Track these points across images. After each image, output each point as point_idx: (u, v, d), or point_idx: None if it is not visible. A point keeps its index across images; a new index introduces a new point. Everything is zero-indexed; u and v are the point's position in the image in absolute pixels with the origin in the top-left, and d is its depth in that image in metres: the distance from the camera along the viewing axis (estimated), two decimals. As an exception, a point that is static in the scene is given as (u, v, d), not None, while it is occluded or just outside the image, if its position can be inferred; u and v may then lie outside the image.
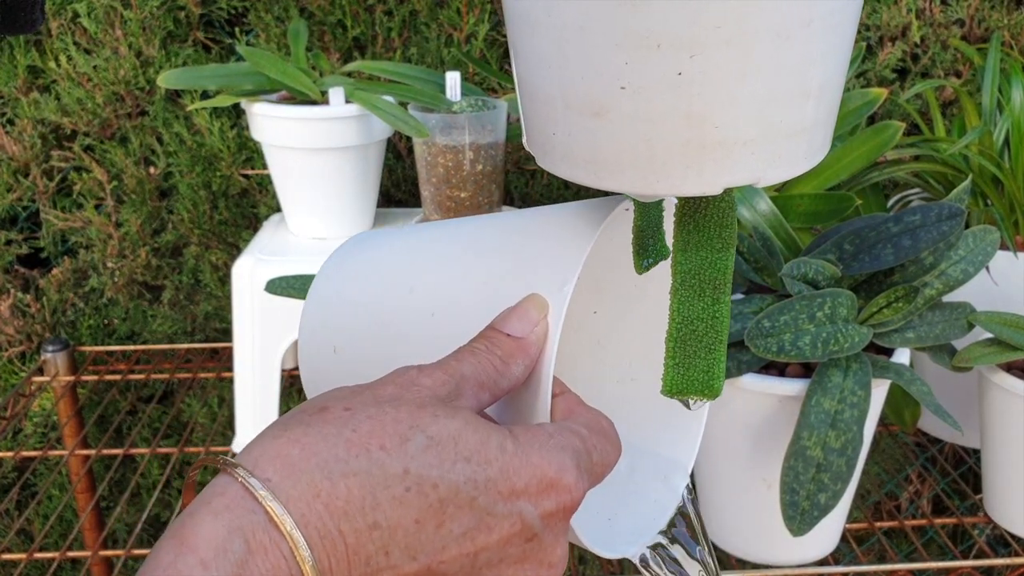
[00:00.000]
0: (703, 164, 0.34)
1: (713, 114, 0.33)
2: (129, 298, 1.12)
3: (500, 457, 0.33)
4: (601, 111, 0.34)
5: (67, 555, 0.85)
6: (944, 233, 0.64)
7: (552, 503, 0.33)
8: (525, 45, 0.36)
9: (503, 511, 0.32)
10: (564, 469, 0.34)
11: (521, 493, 0.33)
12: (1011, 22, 1.04)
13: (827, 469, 0.61)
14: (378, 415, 0.32)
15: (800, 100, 0.34)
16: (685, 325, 0.39)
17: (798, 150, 0.35)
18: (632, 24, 0.31)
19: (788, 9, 0.32)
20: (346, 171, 0.91)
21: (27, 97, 1.05)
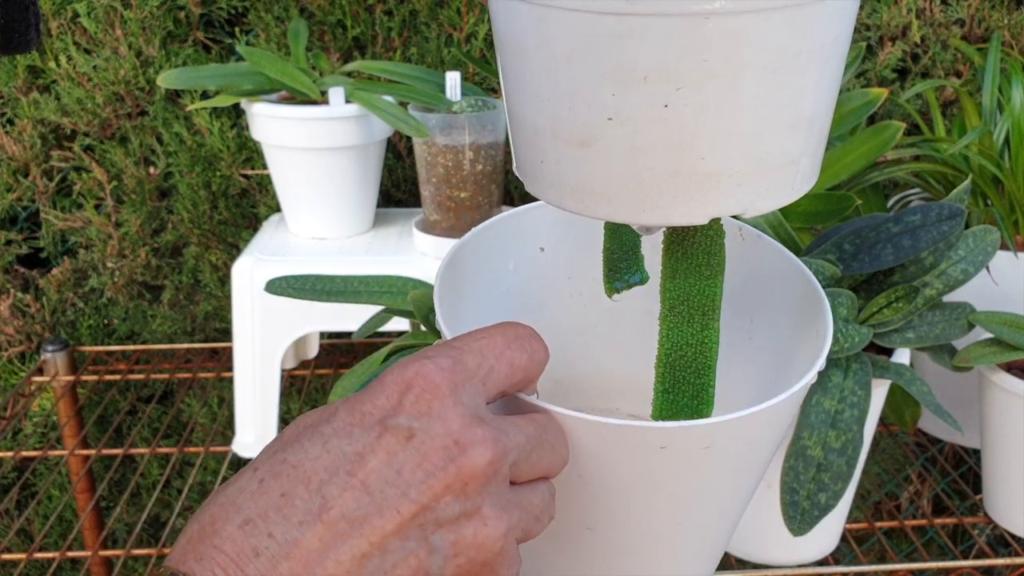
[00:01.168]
0: (690, 195, 0.34)
1: (700, 146, 0.33)
2: (129, 298, 1.12)
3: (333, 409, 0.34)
4: (589, 141, 0.34)
5: (67, 555, 0.84)
6: (944, 233, 0.64)
7: (412, 396, 0.32)
8: (514, 73, 0.36)
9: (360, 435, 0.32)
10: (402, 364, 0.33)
11: (369, 411, 0.33)
12: (1011, 22, 1.04)
13: (827, 469, 0.61)
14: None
15: (789, 132, 0.34)
16: (674, 351, 0.39)
17: (786, 180, 0.35)
18: (619, 57, 0.31)
19: (776, 43, 0.31)
20: (346, 171, 0.91)
21: (27, 97, 1.05)
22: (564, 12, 0.31)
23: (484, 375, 0.34)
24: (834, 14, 0.32)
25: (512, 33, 0.34)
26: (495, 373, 0.35)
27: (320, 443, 0.32)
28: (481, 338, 0.35)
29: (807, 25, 0.31)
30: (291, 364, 1.08)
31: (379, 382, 0.33)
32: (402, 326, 0.74)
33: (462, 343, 0.35)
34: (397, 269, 0.73)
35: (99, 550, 0.91)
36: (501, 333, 0.35)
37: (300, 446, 0.32)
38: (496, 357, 0.35)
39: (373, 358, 0.68)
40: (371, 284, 0.69)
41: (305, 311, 0.87)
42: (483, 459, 0.32)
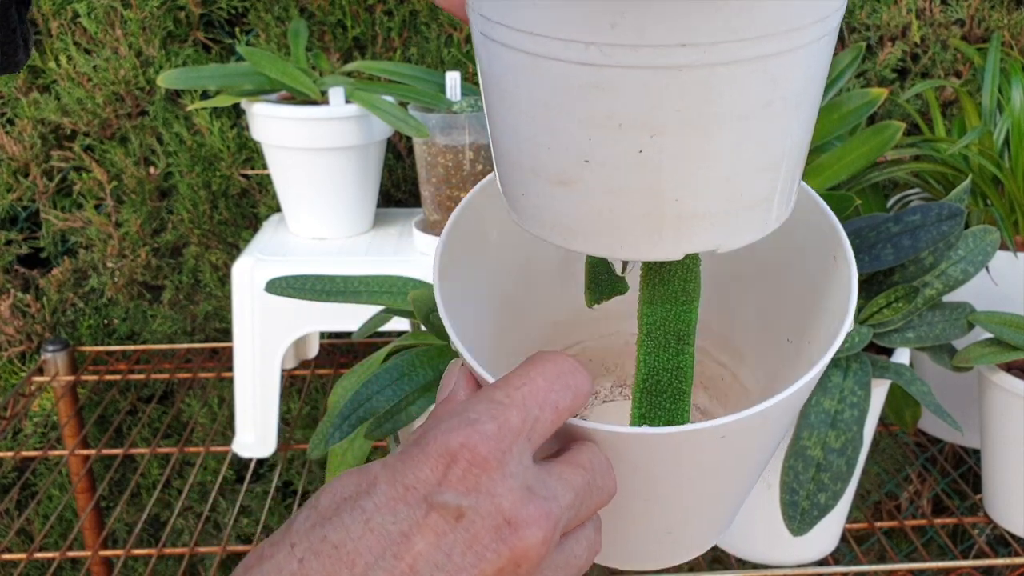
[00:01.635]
0: (663, 234, 0.35)
1: (673, 189, 0.34)
2: (129, 298, 1.12)
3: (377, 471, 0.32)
4: (566, 181, 0.35)
5: (67, 555, 0.85)
6: (944, 233, 0.64)
7: (458, 469, 0.31)
8: (495, 110, 0.36)
9: (404, 512, 0.30)
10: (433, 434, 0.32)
11: (412, 484, 0.31)
12: (1011, 22, 1.04)
13: (827, 469, 0.61)
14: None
15: (761, 173, 0.35)
16: (651, 376, 0.40)
17: (760, 217, 0.36)
18: (594, 106, 0.32)
19: (747, 93, 0.32)
20: (346, 171, 0.91)
21: (27, 97, 1.05)
22: (543, 60, 0.32)
23: (529, 430, 0.33)
24: (805, 62, 0.33)
25: (493, 73, 0.35)
26: (540, 424, 0.33)
27: (362, 520, 0.30)
28: (522, 385, 0.33)
29: (778, 75, 0.32)
30: (291, 364, 1.08)
31: (421, 450, 0.31)
32: (402, 326, 0.75)
33: (503, 394, 0.33)
34: (397, 269, 0.73)
35: (99, 550, 0.91)
36: (541, 374, 0.34)
37: (341, 523, 0.30)
38: (540, 406, 0.33)
39: (373, 358, 0.68)
40: (371, 284, 0.69)
41: (305, 311, 0.87)
42: (536, 539, 0.31)
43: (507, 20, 0.32)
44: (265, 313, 0.89)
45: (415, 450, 0.31)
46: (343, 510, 0.31)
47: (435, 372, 0.63)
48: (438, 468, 0.31)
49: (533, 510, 0.31)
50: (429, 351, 0.64)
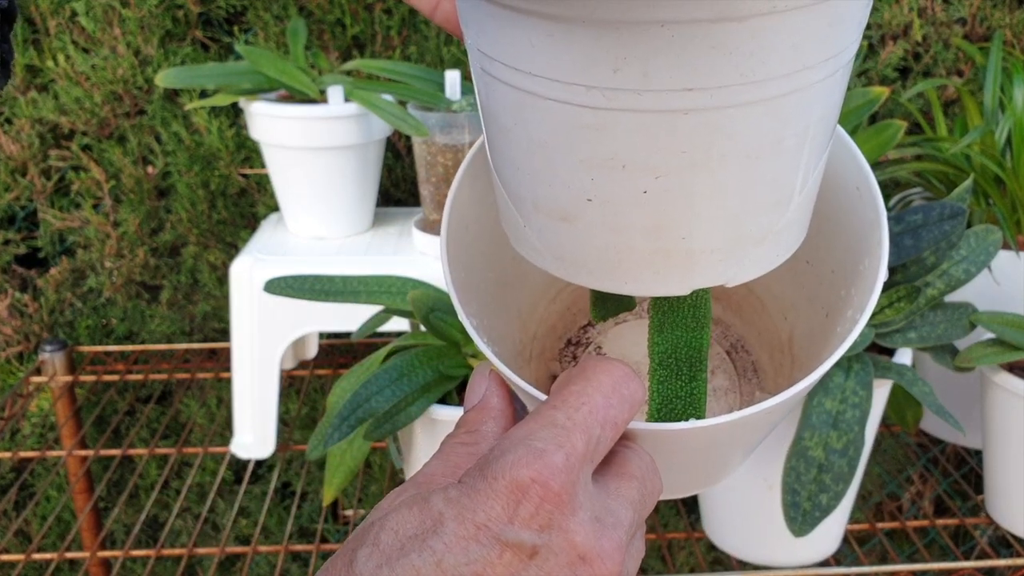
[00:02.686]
0: (670, 271, 0.34)
1: (680, 228, 0.33)
2: (127, 298, 1.11)
3: (447, 504, 0.31)
4: (568, 217, 0.34)
5: (65, 556, 0.84)
6: (946, 232, 0.64)
7: (530, 505, 0.30)
8: (494, 143, 0.35)
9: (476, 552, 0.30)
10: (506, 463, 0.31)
11: (483, 522, 0.30)
12: (1013, 21, 1.04)
13: (829, 470, 0.61)
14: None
15: (770, 210, 0.34)
16: (664, 405, 0.39)
17: (770, 250, 0.35)
18: (596, 146, 0.31)
19: (757, 133, 0.31)
20: (345, 170, 0.91)
21: (25, 96, 1.04)
22: (543, 100, 0.31)
23: (593, 453, 0.32)
24: (818, 99, 0.32)
25: (492, 108, 0.34)
26: (602, 444, 0.33)
27: (433, 562, 0.29)
28: (581, 404, 0.32)
29: (788, 114, 0.31)
30: (290, 364, 1.07)
31: (489, 485, 0.30)
32: (402, 326, 0.74)
33: (564, 416, 0.32)
34: (396, 269, 0.72)
35: (97, 551, 0.91)
36: (599, 390, 0.33)
37: (410, 564, 0.29)
38: (601, 424, 0.32)
39: (372, 358, 0.68)
40: (370, 284, 0.69)
41: (304, 311, 0.87)
42: (609, 571, 0.31)
43: (506, 58, 0.31)
44: (264, 313, 0.89)
45: (482, 484, 0.30)
46: (410, 550, 0.30)
47: (435, 372, 0.62)
48: (509, 504, 0.30)
49: (606, 544, 0.31)
50: (429, 351, 0.63)
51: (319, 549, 0.83)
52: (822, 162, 0.35)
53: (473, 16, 0.32)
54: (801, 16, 0.29)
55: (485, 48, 0.32)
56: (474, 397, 0.37)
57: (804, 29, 0.29)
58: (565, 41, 0.29)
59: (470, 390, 0.37)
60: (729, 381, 0.50)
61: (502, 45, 0.31)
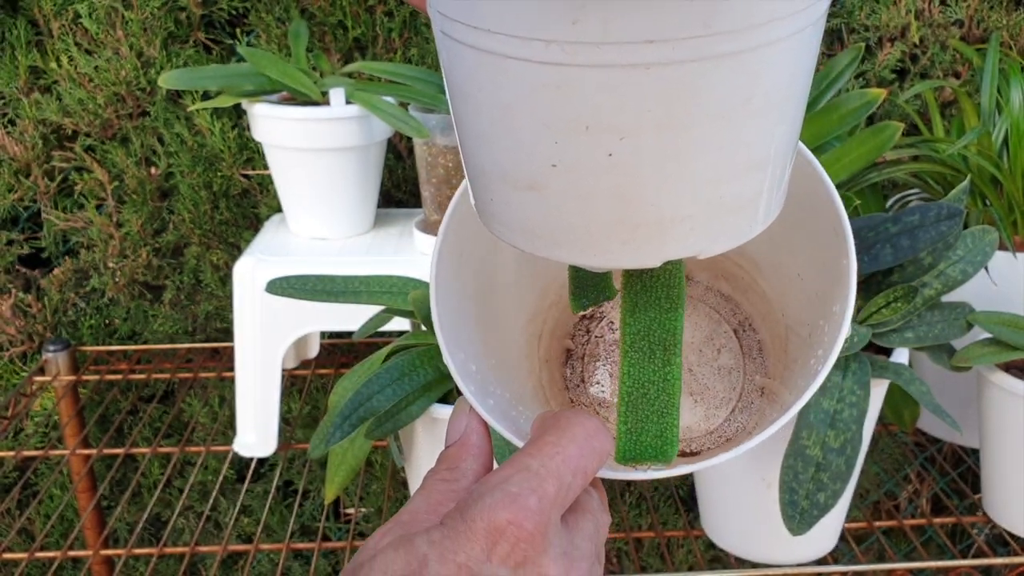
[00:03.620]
0: (639, 240, 0.33)
1: (648, 194, 0.32)
2: (130, 298, 1.12)
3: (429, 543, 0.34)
4: (535, 186, 0.33)
5: (68, 554, 0.85)
6: (943, 233, 0.64)
7: (506, 544, 0.33)
8: (459, 113, 0.34)
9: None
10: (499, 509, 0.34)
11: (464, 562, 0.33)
12: (1010, 23, 1.04)
13: (826, 468, 0.62)
14: None
15: (742, 175, 0.32)
16: (636, 389, 0.39)
17: (744, 220, 0.34)
18: (558, 107, 0.30)
19: (723, 91, 0.30)
20: (347, 172, 0.91)
21: (28, 98, 1.05)
22: (503, 59, 0.30)
23: (563, 498, 0.35)
24: (788, 55, 0.30)
25: (454, 74, 0.33)
26: (572, 490, 0.35)
27: None
28: (555, 454, 0.35)
29: (758, 70, 0.30)
30: (292, 364, 1.08)
31: (468, 527, 0.33)
32: (402, 326, 0.75)
33: (539, 463, 0.35)
34: (397, 269, 0.73)
35: (100, 549, 0.92)
36: (572, 441, 0.36)
37: None
38: (573, 473, 0.35)
39: (373, 358, 0.68)
40: (372, 284, 0.69)
41: (306, 311, 0.87)
42: None
43: (465, 17, 0.30)
44: (266, 313, 0.89)
45: (462, 526, 0.33)
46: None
47: (435, 372, 0.63)
48: (487, 545, 0.33)
49: (574, 575, 0.34)
50: (429, 351, 0.64)
51: (321, 547, 0.84)
52: (796, 130, 0.34)
53: None
54: None
55: (445, 8, 0.31)
56: (455, 433, 0.39)
57: None
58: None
59: (451, 425, 0.40)
60: (734, 360, 0.50)
61: (461, 2, 0.30)
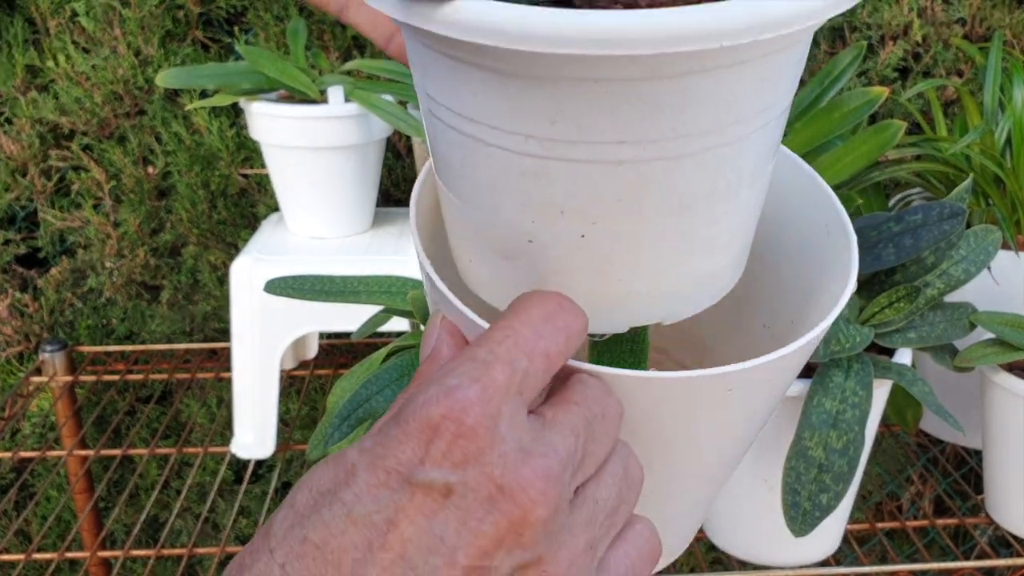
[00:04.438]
0: (608, 310, 0.34)
1: (617, 271, 0.33)
2: (127, 298, 1.11)
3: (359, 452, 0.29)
4: (511, 257, 0.34)
5: (65, 556, 0.84)
6: (945, 232, 0.64)
7: (442, 443, 0.28)
8: (443, 178, 0.35)
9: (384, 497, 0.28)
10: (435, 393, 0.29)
11: (394, 467, 0.28)
12: (1013, 21, 1.04)
13: (829, 469, 0.61)
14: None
15: (708, 254, 0.34)
16: None
17: (708, 290, 0.36)
18: (535, 192, 0.32)
19: (690, 184, 0.31)
20: (345, 170, 0.91)
21: (25, 96, 1.04)
22: (485, 145, 0.31)
23: (519, 384, 0.29)
24: (751, 149, 0.32)
25: (440, 149, 0.34)
26: (531, 376, 0.30)
27: (343, 514, 0.28)
28: (506, 337, 0.30)
29: (720, 164, 0.31)
30: (290, 364, 1.07)
31: (400, 427, 0.28)
32: (402, 326, 0.74)
33: (486, 351, 0.30)
34: (397, 269, 0.72)
35: (98, 551, 0.91)
36: (527, 323, 0.30)
37: (320, 519, 0.28)
38: (528, 357, 0.30)
39: (372, 358, 0.68)
40: (370, 284, 0.69)
41: (304, 311, 0.87)
42: (535, 503, 0.28)
43: (451, 103, 0.32)
44: (264, 313, 0.89)
45: (394, 429, 0.29)
46: (322, 505, 0.28)
47: (434, 372, 0.62)
48: (419, 445, 0.28)
49: (528, 472, 0.28)
50: (428, 351, 0.63)
51: (319, 549, 0.83)
52: (759, 204, 0.36)
53: (420, 60, 0.32)
54: (733, 74, 0.29)
55: (431, 92, 0.33)
56: (427, 348, 0.34)
57: (736, 86, 0.30)
58: (505, 93, 0.30)
59: (424, 342, 0.35)
60: None
61: (447, 91, 0.32)
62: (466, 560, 0.27)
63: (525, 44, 0.27)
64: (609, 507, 0.31)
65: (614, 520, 0.31)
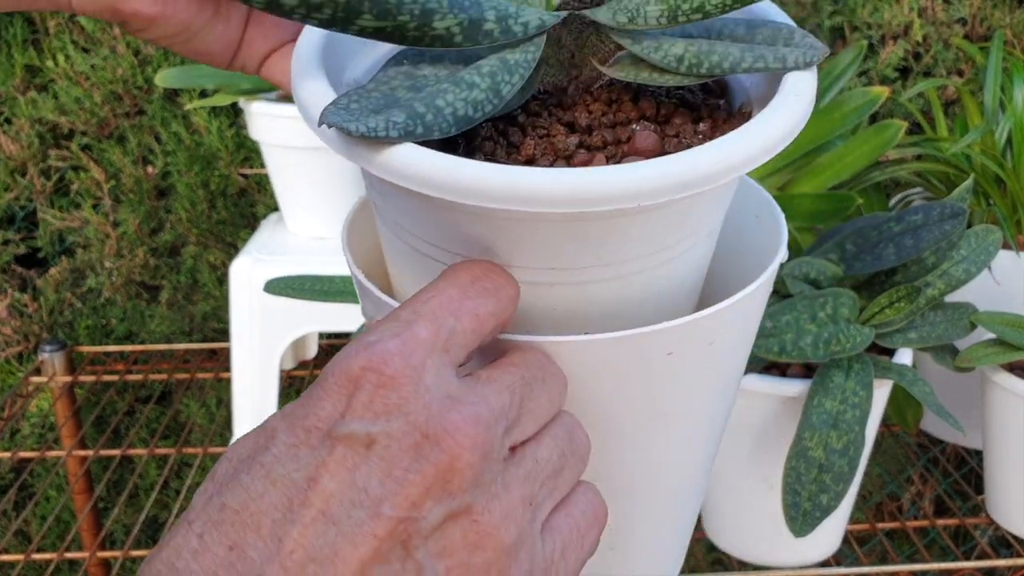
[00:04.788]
0: None
1: None
2: (127, 298, 1.11)
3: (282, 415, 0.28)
4: None
5: (65, 556, 0.84)
6: (946, 232, 0.63)
7: (364, 395, 0.27)
8: (394, 271, 0.37)
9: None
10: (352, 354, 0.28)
11: (314, 424, 0.27)
12: (1013, 21, 1.04)
13: (829, 470, 0.61)
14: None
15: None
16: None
17: None
18: None
19: (618, 300, 0.33)
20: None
21: (25, 96, 1.04)
22: (424, 257, 0.33)
23: (445, 341, 0.28)
24: (678, 268, 0.34)
25: (387, 248, 0.36)
26: (458, 334, 0.29)
27: (263, 475, 0.27)
28: (431, 297, 0.29)
29: (647, 284, 0.33)
30: (290, 364, 1.07)
31: (319, 385, 0.28)
32: (401, 326, 0.74)
33: (409, 310, 0.29)
34: (396, 269, 0.72)
35: (97, 551, 0.91)
36: (453, 284, 0.30)
37: (239, 484, 0.27)
38: (455, 314, 0.29)
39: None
40: (370, 284, 0.68)
41: (304, 311, 0.87)
42: (462, 447, 0.27)
43: (394, 215, 0.33)
44: (263, 313, 0.88)
45: (315, 391, 0.28)
46: (241, 471, 0.27)
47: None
48: (340, 400, 0.27)
49: (455, 417, 0.27)
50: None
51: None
52: (696, 294, 0.37)
53: (363, 171, 0.33)
54: (654, 213, 0.30)
55: (376, 199, 0.34)
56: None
57: (659, 222, 0.31)
58: (443, 220, 0.31)
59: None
60: None
61: (389, 205, 0.33)
62: (392, 511, 0.26)
63: (452, 195, 0.28)
64: (551, 468, 0.30)
65: (557, 483, 0.30)
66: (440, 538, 0.27)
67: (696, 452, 0.39)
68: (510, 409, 0.29)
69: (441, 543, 0.27)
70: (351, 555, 0.26)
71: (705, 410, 0.37)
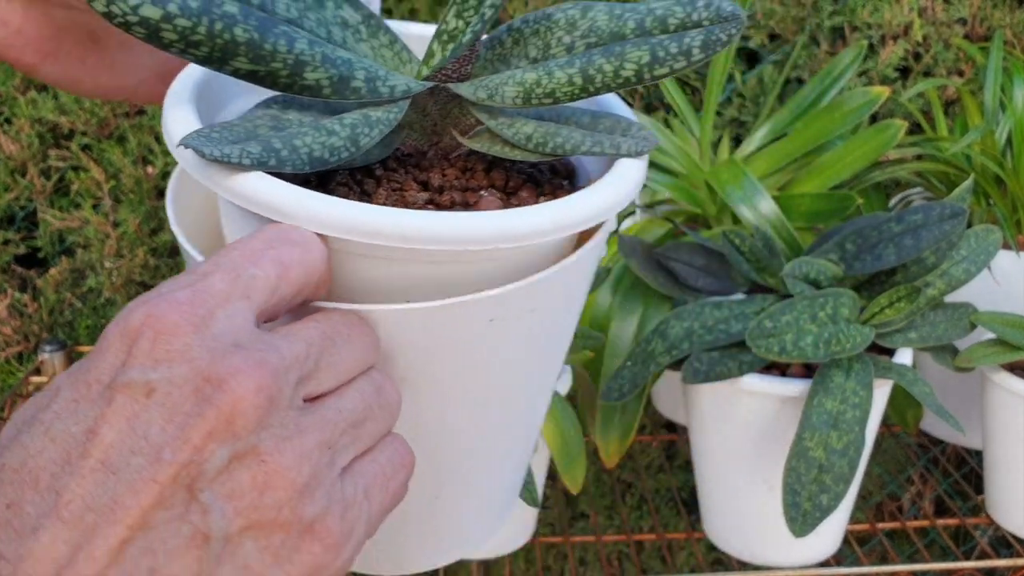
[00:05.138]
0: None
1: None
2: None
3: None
4: None
5: (64, 556, 0.84)
6: (946, 232, 0.64)
7: (144, 344, 0.27)
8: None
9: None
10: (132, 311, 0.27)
11: (94, 378, 0.27)
12: (1014, 21, 1.04)
13: (829, 470, 0.61)
14: None
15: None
16: None
17: None
18: None
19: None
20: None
21: (24, 96, 1.04)
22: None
23: (244, 289, 0.28)
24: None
25: None
26: (259, 280, 0.29)
27: (42, 432, 0.26)
28: (232, 250, 0.29)
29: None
30: (290, 364, 1.07)
31: (103, 338, 0.27)
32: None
33: (211, 263, 0.29)
34: (396, 269, 0.72)
35: (97, 551, 0.91)
36: (258, 236, 0.30)
37: (19, 444, 0.26)
38: (255, 264, 0.29)
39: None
40: (369, 284, 0.68)
41: (304, 311, 0.86)
42: (246, 388, 0.27)
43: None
44: (263, 313, 0.88)
45: (99, 343, 0.27)
46: (23, 432, 0.27)
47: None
48: (121, 352, 0.27)
49: (238, 360, 0.27)
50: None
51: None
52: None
53: (218, 197, 0.36)
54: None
55: (226, 226, 0.38)
56: None
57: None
58: None
59: None
60: None
61: (236, 229, 0.36)
62: (173, 456, 0.26)
63: (295, 221, 0.31)
64: (353, 418, 0.30)
65: (359, 433, 0.30)
66: (227, 480, 0.27)
67: (520, 412, 0.40)
68: (306, 360, 0.29)
69: (228, 485, 0.27)
70: (131, 502, 0.25)
71: (529, 372, 0.39)
